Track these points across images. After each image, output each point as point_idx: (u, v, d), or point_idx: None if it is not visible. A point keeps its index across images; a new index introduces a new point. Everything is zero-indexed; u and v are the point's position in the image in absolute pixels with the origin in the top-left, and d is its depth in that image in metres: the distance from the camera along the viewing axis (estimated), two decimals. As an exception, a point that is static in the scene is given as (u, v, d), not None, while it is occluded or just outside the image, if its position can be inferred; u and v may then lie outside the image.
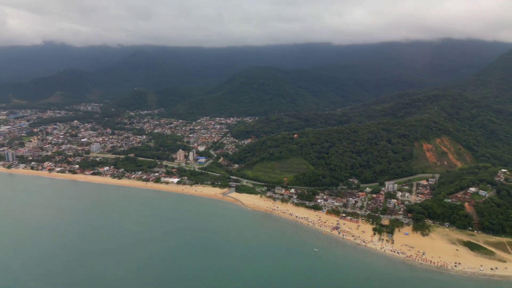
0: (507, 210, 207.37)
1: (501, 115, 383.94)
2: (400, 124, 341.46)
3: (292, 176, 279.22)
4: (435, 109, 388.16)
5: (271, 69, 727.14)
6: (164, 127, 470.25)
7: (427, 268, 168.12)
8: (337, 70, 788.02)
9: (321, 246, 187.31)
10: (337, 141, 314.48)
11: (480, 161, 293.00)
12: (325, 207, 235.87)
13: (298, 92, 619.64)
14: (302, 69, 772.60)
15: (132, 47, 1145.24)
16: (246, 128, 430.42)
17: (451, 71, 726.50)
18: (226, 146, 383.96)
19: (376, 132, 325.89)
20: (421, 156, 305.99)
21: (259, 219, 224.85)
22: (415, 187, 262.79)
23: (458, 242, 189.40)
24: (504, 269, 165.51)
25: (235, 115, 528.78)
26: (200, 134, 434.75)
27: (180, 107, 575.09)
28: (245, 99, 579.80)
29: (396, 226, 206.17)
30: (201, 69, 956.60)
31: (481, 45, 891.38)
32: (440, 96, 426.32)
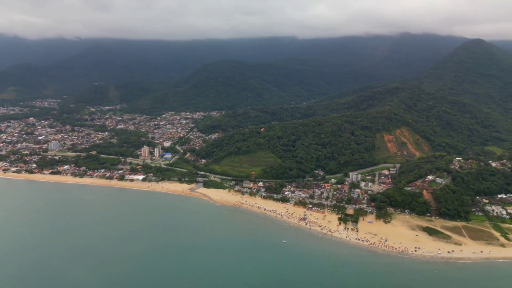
0: (462, 196, 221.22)
1: (455, 106, 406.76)
2: (363, 116, 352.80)
3: (260, 170, 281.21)
4: (395, 101, 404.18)
5: (236, 62, 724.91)
6: (127, 123, 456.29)
7: (390, 254, 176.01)
8: (302, 64, 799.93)
9: (289, 237, 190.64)
10: (303, 134, 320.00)
11: (437, 150, 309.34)
12: (292, 199, 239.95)
13: (263, 86, 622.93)
14: (267, 62, 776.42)
15: (90, 40, 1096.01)
16: (213, 123, 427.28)
17: (409, 65, 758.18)
18: (193, 141, 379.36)
19: (340, 124, 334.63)
20: (382, 146, 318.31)
21: (228, 214, 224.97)
22: (378, 177, 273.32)
23: (418, 228, 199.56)
24: (459, 251, 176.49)
25: (201, 110, 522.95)
26: (165, 130, 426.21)
27: (143, 102, 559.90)
28: (211, 93, 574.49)
29: (360, 215, 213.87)
30: (164, 62, 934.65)
31: (436, 39, 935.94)
32: (399, 88, 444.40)
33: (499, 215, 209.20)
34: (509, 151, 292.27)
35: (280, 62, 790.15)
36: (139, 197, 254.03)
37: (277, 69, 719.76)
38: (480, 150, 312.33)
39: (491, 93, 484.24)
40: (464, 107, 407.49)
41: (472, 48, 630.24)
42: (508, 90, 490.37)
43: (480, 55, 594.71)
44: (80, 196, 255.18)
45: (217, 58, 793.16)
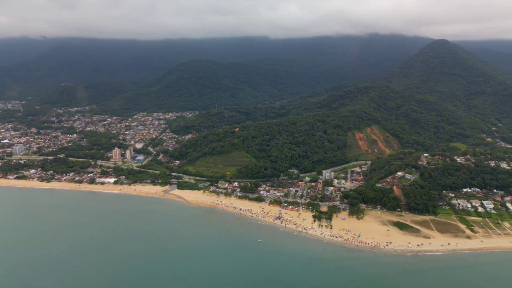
0: (429, 191, 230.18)
1: (422, 104, 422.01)
2: (335, 115, 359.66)
3: (235, 170, 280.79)
4: (365, 100, 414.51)
5: (210, 62, 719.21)
6: (97, 124, 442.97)
7: (363, 249, 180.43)
8: (275, 63, 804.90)
9: (265, 236, 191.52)
10: (277, 133, 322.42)
11: (406, 147, 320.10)
12: (267, 198, 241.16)
13: (237, 86, 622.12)
14: (241, 62, 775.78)
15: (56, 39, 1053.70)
16: (186, 123, 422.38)
17: (378, 64, 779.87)
18: (166, 142, 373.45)
19: (313, 123, 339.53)
20: (354, 144, 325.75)
21: (203, 215, 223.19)
22: (350, 174, 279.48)
23: (389, 223, 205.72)
24: (428, 244, 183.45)
25: (174, 110, 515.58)
26: (137, 131, 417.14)
27: (114, 102, 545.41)
28: (184, 93, 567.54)
29: (334, 212, 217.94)
30: (135, 62, 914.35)
31: (404, 39, 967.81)
32: (369, 88, 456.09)
33: (465, 208, 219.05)
34: (472, 147, 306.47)
35: (254, 62, 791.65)
36: (110, 200, 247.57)
37: (250, 69, 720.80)
38: (445, 146, 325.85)
39: (455, 91, 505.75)
40: (430, 105, 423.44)
41: (437, 48, 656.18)
42: (471, 88, 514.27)
43: (444, 55, 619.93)
44: (48, 201, 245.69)
45: (190, 58, 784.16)
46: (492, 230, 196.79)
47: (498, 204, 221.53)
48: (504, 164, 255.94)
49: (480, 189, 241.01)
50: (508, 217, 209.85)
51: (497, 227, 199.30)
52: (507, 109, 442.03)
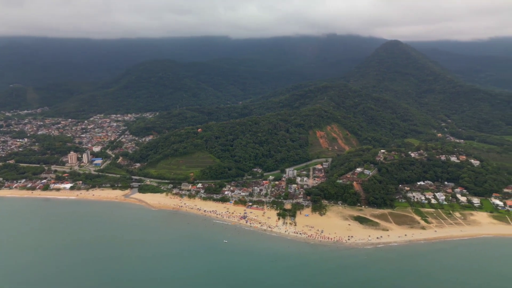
0: (387, 185, 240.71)
1: (378, 102, 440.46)
2: (296, 114, 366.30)
3: (199, 171, 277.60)
4: (325, 99, 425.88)
5: (170, 62, 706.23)
6: (50, 128, 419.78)
7: (325, 244, 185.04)
8: (236, 63, 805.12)
9: (230, 237, 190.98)
10: (240, 133, 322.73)
11: (364, 144, 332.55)
12: (232, 198, 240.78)
13: (199, 86, 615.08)
14: (202, 62, 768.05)
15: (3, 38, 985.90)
16: (147, 125, 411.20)
17: (337, 64, 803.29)
18: (125, 144, 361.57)
19: (275, 122, 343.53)
20: (315, 142, 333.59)
21: (166, 218, 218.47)
22: (312, 172, 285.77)
23: (350, 218, 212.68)
24: (387, 236, 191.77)
25: (133, 111, 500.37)
26: (94, 134, 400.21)
27: (68, 104, 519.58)
28: (144, 94, 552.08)
29: (298, 209, 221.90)
30: (90, 62, 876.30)
31: (360, 40, 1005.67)
32: (328, 87, 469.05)
33: (419, 201, 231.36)
34: (425, 142, 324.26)
35: (215, 62, 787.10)
36: (66, 207, 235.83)
37: (212, 69, 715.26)
38: (400, 142, 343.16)
39: (408, 89, 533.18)
40: (386, 103, 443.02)
41: (391, 49, 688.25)
42: (423, 87, 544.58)
43: (397, 55, 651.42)
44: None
45: (149, 58, 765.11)
46: (444, 220, 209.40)
47: (449, 196, 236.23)
48: (454, 158, 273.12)
49: (432, 182, 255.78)
50: (458, 207, 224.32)
51: (449, 217, 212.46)
52: (455, 106, 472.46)
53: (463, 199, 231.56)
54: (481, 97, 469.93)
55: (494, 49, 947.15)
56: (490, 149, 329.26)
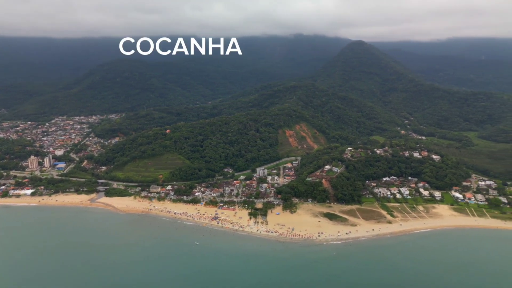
0: (354, 182, 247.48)
1: (344, 101, 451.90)
2: (266, 114, 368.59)
3: (168, 173, 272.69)
4: (294, 98, 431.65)
5: (136, 62, 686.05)
6: (8, 131, 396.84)
7: (297, 241, 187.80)
8: (204, 63, 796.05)
9: (201, 238, 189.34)
10: (210, 133, 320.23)
11: (332, 142, 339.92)
12: (203, 200, 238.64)
13: (166, 86, 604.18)
14: (169, 62, 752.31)
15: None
16: (112, 126, 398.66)
17: (304, 64, 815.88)
18: (90, 147, 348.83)
19: (245, 122, 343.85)
20: (285, 142, 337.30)
21: (135, 222, 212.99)
22: (282, 170, 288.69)
23: (320, 214, 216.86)
24: (355, 231, 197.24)
25: (98, 113, 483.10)
26: (56, 137, 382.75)
27: (27, 106, 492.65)
28: (109, 95, 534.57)
29: (269, 208, 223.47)
30: (51, 62, 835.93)
31: (326, 40, 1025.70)
32: (296, 87, 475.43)
33: (385, 196, 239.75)
34: (389, 139, 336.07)
35: (183, 61, 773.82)
36: (29, 213, 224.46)
37: (180, 69, 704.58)
38: (366, 139, 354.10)
39: (373, 88, 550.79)
40: (352, 102, 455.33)
41: (356, 49, 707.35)
42: (386, 85, 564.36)
43: (362, 55, 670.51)
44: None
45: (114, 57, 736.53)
46: (408, 214, 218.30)
47: (413, 190, 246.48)
48: (416, 154, 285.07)
49: (397, 177, 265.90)
50: (421, 201, 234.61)
51: (413, 211, 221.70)
52: (417, 104, 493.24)
53: (426, 193, 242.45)
54: (440, 95, 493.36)
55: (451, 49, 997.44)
56: (449, 145, 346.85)
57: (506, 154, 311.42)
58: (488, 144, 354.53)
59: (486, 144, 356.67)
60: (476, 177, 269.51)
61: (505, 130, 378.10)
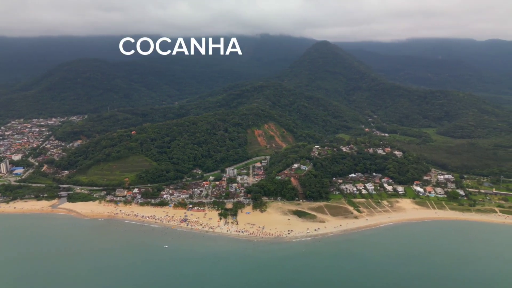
0: (322, 179, 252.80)
1: (311, 100, 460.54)
2: (234, 113, 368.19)
3: (134, 175, 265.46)
4: (261, 98, 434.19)
5: (98, 61, 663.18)
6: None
7: (267, 240, 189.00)
8: (170, 62, 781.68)
9: (171, 241, 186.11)
10: (178, 134, 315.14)
11: (299, 140, 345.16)
12: (171, 202, 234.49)
13: (131, 86, 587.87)
14: (134, 61, 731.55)
15: None
16: (74, 129, 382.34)
17: (271, 64, 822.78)
18: (50, 151, 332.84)
19: (213, 122, 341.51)
20: (253, 141, 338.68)
21: (100, 227, 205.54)
22: (252, 170, 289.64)
23: (289, 212, 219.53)
24: (324, 228, 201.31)
25: (58, 115, 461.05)
26: (13, 141, 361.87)
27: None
28: (70, 96, 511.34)
29: (239, 208, 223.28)
30: (6, 62, 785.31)
31: (292, 40, 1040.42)
32: (264, 86, 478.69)
33: (351, 192, 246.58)
34: (354, 137, 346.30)
35: (148, 61, 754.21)
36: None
37: (145, 68, 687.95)
38: (333, 137, 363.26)
39: (338, 88, 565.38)
40: (318, 101, 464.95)
41: (321, 49, 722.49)
42: (351, 85, 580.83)
43: (327, 55, 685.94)
44: None
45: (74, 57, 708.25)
46: (374, 208, 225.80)
47: (378, 186, 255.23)
48: (380, 150, 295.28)
49: (362, 173, 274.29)
50: (385, 196, 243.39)
51: (378, 206, 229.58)
52: (379, 102, 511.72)
53: (390, 188, 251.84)
54: (401, 93, 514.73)
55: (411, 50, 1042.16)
56: (410, 141, 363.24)
57: (463, 149, 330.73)
58: (446, 140, 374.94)
59: (444, 139, 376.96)
60: (436, 171, 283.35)
61: (461, 126, 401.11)
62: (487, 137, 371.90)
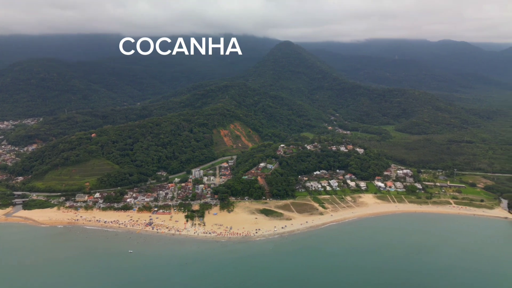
0: (288, 178, 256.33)
1: (275, 100, 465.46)
2: (199, 114, 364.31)
3: (95, 180, 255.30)
4: (226, 98, 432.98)
5: (53, 61, 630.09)
6: None
7: (235, 240, 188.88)
8: (131, 62, 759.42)
9: (136, 246, 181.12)
10: (141, 136, 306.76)
11: (265, 140, 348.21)
12: (135, 206, 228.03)
13: (90, 87, 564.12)
14: (92, 61, 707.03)
15: None
16: (28, 132, 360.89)
17: (235, 64, 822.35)
18: (3, 156, 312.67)
19: (178, 123, 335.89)
20: (220, 141, 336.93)
21: (60, 235, 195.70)
22: (218, 170, 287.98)
23: (257, 211, 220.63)
24: (290, 225, 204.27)
25: (11, 118, 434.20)
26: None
27: None
28: (23, 98, 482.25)
29: (206, 209, 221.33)
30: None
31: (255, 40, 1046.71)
32: (229, 86, 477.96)
33: (316, 189, 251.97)
34: (318, 135, 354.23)
35: (108, 61, 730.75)
36: None
37: (104, 68, 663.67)
38: (297, 136, 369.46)
39: (301, 87, 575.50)
40: (283, 100, 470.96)
41: (284, 49, 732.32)
42: (313, 84, 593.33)
43: (290, 55, 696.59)
44: None
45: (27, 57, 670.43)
46: (338, 204, 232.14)
47: (341, 182, 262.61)
48: (343, 148, 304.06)
49: (326, 170, 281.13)
50: (349, 191, 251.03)
51: (342, 201, 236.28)
52: (341, 101, 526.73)
53: (353, 184, 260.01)
54: (361, 92, 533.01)
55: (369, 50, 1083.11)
56: (371, 138, 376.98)
57: (419, 145, 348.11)
58: (404, 136, 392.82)
59: (402, 136, 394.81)
60: (395, 167, 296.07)
61: (417, 123, 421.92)
62: (441, 133, 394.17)
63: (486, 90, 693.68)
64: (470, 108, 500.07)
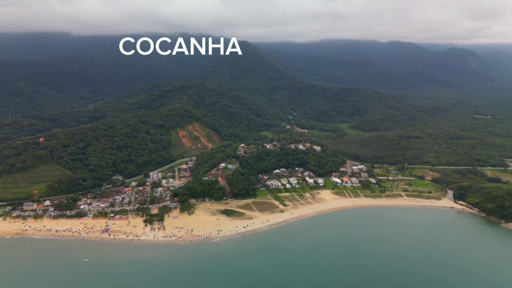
0: (249, 177, 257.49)
1: (234, 100, 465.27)
2: (156, 115, 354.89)
3: (45, 187, 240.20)
4: (184, 98, 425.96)
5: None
6: None
7: (196, 242, 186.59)
8: (82, 62, 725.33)
9: (91, 254, 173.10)
10: (94, 139, 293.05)
11: (225, 140, 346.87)
12: (90, 212, 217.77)
13: (36, 89, 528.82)
14: (39, 61, 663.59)
15: None
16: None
17: (192, 63, 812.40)
18: None
19: (133, 125, 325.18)
20: (178, 142, 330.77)
21: (6, 247, 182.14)
22: (177, 172, 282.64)
23: (218, 212, 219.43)
24: (252, 224, 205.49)
25: None
26: None
27: None
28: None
29: (165, 213, 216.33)
30: None
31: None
32: (186, 86, 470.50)
33: (277, 187, 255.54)
34: (277, 134, 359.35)
35: (56, 61, 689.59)
36: None
37: (52, 69, 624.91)
38: (257, 135, 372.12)
39: (259, 87, 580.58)
40: (242, 100, 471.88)
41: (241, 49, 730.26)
42: (271, 84, 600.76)
43: (248, 55, 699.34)
44: None
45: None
46: (298, 201, 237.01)
47: (300, 179, 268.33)
48: (301, 146, 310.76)
49: (286, 168, 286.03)
50: (308, 188, 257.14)
51: (301, 198, 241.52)
52: (298, 100, 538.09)
53: (311, 181, 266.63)
54: (317, 91, 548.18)
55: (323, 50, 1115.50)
56: (327, 136, 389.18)
57: (372, 141, 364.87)
58: (358, 133, 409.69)
59: (356, 133, 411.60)
60: (351, 163, 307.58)
61: (370, 120, 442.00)
62: (392, 129, 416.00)
63: (432, 88, 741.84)
64: (417, 105, 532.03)
